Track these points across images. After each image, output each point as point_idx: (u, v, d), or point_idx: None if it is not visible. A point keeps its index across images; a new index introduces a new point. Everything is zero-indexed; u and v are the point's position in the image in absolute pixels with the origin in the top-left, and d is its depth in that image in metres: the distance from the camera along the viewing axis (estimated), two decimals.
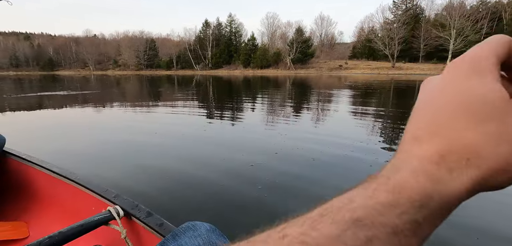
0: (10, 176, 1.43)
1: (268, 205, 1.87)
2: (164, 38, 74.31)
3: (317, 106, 7.17)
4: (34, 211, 1.34)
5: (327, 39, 62.85)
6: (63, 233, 0.75)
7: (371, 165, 2.59)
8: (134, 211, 0.86)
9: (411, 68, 40.75)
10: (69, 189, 1.15)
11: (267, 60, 53.59)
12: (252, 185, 2.16)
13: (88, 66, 73.20)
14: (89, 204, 1.06)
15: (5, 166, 1.44)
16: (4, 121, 5.31)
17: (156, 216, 0.82)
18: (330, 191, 2.11)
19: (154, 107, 7.25)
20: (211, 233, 0.52)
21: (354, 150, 3.10)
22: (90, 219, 0.82)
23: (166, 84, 19.01)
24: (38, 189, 1.35)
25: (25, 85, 17.95)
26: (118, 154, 3.10)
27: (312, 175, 2.41)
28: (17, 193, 1.42)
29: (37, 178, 1.32)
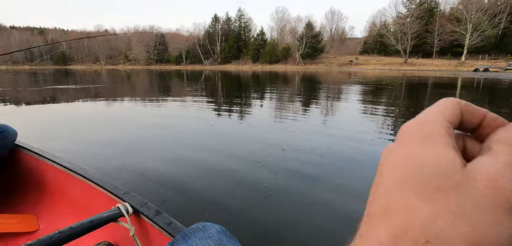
0: (21, 169, 1.45)
1: (273, 203, 1.84)
2: (173, 33, 74.93)
3: (325, 102, 7.07)
4: (44, 204, 1.36)
5: (337, 34, 61.98)
6: (73, 229, 0.75)
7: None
8: (143, 209, 0.85)
9: (424, 64, 39.74)
10: (79, 184, 1.15)
11: (276, 56, 53.32)
12: (258, 182, 2.13)
13: (100, 61, 74.57)
14: (98, 200, 1.05)
15: (16, 160, 1.47)
16: (19, 112, 5.46)
17: (165, 214, 0.81)
18: (336, 189, 2.06)
19: (163, 102, 7.31)
20: (221, 235, 0.52)
21: (362, 147, 3.03)
22: (99, 216, 0.81)
23: (175, 79, 19.16)
24: (49, 183, 1.36)
25: (39, 79, 18.43)
26: (125, 147, 3.13)
27: (319, 172, 2.35)
28: (28, 186, 1.44)
29: (47, 172, 1.33)
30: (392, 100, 7.47)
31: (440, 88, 11.72)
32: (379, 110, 5.78)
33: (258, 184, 2.13)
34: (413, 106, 6.55)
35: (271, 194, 1.96)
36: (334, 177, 2.31)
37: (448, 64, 38.04)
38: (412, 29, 42.96)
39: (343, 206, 1.83)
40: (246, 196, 1.96)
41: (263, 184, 2.11)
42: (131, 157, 2.79)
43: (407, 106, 6.61)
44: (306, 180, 2.23)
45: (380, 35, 49.58)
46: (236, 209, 1.79)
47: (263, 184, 2.11)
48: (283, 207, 1.82)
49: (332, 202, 1.88)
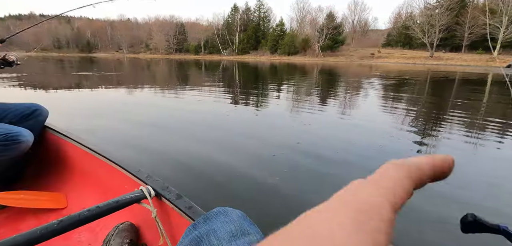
0: (51, 149, 1.54)
1: (285, 196, 1.83)
2: (193, 23, 75.67)
3: (343, 96, 6.90)
4: (72, 183, 1.43)
5: (359, 25, 59.92)
6: (100, 208, 0.79)
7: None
8: (164, 192, 0.87)
9: (452, 59, 37.58)
10: (104, 166, 1.20)
11: (295, 47, 52.49)
12: (271, 174, 2.12)
13: (122, 49, 76.91)
14: (122, 182, 1.10)
15: (46, 140, 1.55)
16: (49, 97, 5.77)
17: (186, 198, 0.83)
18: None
19: (180, 91, 7.44)
20: (242, 220, 0.52)
21: (381, 146, 2.90)
22: (124, 196, 0.84)
23: (193, 68, 19.42)
24: (76, 164, 1.43)
25: (66, 65, 19.34)
26: (143, 133, 3.22)
27: (334, 169, 2.30)
28: (57, 165, 1.52)
29: (75, 153, 1.40)
30: (415, 96, 7.16)
31: (467, 84, 11.08)
32: (398, 108, 5.58)
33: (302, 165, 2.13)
34: (436, 104, 6.25)
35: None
36: (351, 175, 2.27)
37: (478, 59, 35.77)
38: (440, 21, 40.60)
39: None
40: (259, 182, 1.97)
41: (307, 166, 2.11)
42: (144, 138, 2.88)
43: (430, 103, 6.32)
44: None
45: (406, 27, 47.32)
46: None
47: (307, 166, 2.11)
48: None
49: None
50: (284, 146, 2.82)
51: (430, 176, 0.15)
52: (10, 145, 1.14)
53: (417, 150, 2.78)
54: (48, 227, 0.68)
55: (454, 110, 5.07)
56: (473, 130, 3.77)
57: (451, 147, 3.01)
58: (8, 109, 1.34)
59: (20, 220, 1.22)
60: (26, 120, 1.36)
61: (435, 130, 3.70)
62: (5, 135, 1.13)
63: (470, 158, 2.73)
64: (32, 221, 1.22)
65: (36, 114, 1.40)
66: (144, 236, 1.01)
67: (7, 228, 1.17)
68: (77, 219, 0.74)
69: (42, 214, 1.26)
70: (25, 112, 1.36)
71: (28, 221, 1.22)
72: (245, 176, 2.12)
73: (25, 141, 1.20)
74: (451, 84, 10.77)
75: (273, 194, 1.86)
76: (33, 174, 1.54)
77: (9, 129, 1.16)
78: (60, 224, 0.71)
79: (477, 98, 7.06)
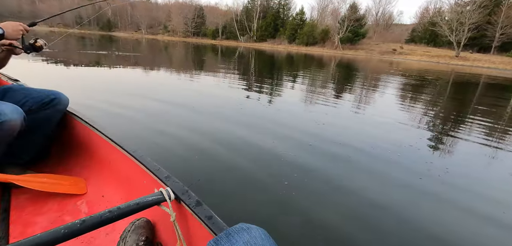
0: (73, 135, 1.57)
1: (292, 202, 1.77)
2: (212, 7, 75.32)
3: (359, 94, 6.69)
4: (92, 170, 1.46)
5: (383, 18, 57.58)
6: (121, 209, 0.78)
7: (421, 178, 2.25)
8: (184, 197, 0.86)
9: (479, 60, 35.56)
10: (123, 158, 1.21)
11: (313, 37, 51.25)
12: (278, 178, 2.05)
13: (141, 29, 77.77)
14: (141, 177, 1.10)
15: (68, 125, 1.58)
16: (69, 75, 5.94)
17: (206, 206, 0.81)
18: (359, 199, 1.91)
19: (195, 76, 7.46)
20: (266, 241, 0.51)
21: (397, 153, 2.77)
22: (145, 198, 0.84)
23: (209, 53, 19.42)
24: (96, 152, 1.45)
25: (86, 43, 19.83)
26: (152, 120, 3.24)
27: (344, 177, 2.19)
28: (78, 151, 1.55)
29: (95, 141, 1.42)
30: (434, 102, 6.87)
31: (492, 89, 10.46)
32: (419, 109, 5.36)
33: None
34: (456, 110, 5.96)
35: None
36: (362, 186, 2.20)
37: (507, 62, 33.63)
38: (471, 19, 38.25)
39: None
40: (265, 185, 1.94)
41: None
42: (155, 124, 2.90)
43: (450, 109, 6.04)
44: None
45: (432, 24, 44.95)
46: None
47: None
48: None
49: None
50: (296, 144, 2.76)
51: None
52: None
53: (431, 161, 2.66)
54: (71, 226, 0.69)
55: (474, 116, 4.82)
56: (493, 139, 3.58)
57: (467, 154, 2.87)
58: (29, 95, 1.35)
59: (42, 202, 1.25)
60: (45, 108, 1.38)
61: (453, 138, 3.53)
62: None
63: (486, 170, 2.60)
64: (53, 204, 1.26)
65: (55, 103, 1.41)
66: (160, 236, 1.01)
67: (29, 209, 1.21)
68: (99, 220, 0.74)
69: (63, 198, 1.29)
70: (45, 100, 1.38)
71: (49, 204, 1.26)
72: (252, 177, 2.10)
73: (7, 120, 1.09)
74: (474, 88, 10.23)
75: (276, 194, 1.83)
76: (56, 157, 1.58)
77: None
78: (83, 224, 0.71)
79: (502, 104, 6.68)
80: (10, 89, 1.37)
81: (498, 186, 2.30)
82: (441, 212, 1.81)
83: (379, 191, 2.01)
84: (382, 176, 2.25)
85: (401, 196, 1.97)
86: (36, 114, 1.31)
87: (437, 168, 2.48)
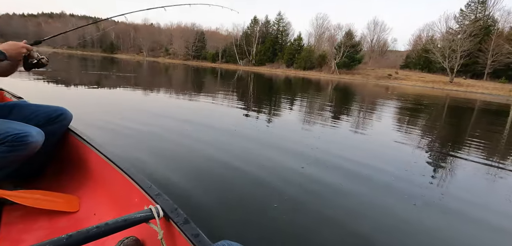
0: (71, 152, 1.59)
1: (282, 227, 1.73)
2: (213, 32, 77.33)
3: (355, 118, 6.75)
4: (86, 188, 1.47)
5: (378, 45, 59.29)
6: (109, 225, 0.80)
7: (415, 203, 2.19)
8: (172, 215, 0.88)
9: (473, 86, 36.35)
10: (117, 176, 1.23)
11: (311, 62, 52.48)
12: (269, 200, 2.03)
13: (142, 52, 79.36)
14: (133, 195, 1.11)
15: (67, 142, 1.60)
16: (64, 92, 6.01)
17: (193, 225, 0.83)
18: (352, 222, 1.87)
19: (193, 97, 7.55)
20: None
21: (393, 179, 2.70)
22: (133, 215, 0.85)
23: (209, 76, 19.73)
24: (92, 169, 1.47)
25: (88, 63, 20.14)
26: (148, 138, 3.27)
27: (337, 204, 2.12)
28: (75, 168, 1.57)
29: (92, 159, 1.44)
30: (432, 126, 6.95)
31: (488, 114, 10.65)
32: (416, 133, 5.42)
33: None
34: (454, 132, 6.04)
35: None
36: (356, 218, 2.20)
37: (500, 88, 34.39)
38: (462, 47, 39.54)
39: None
40: (256, 208, 1.94)
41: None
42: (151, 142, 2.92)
43: (448, 132, 6.11)
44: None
45: (425, 51, 46.35)
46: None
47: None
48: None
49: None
50: (288, 167, 2.76)
51: None
52: (19, 145, 1.15)
53: (427, 186, 2.63)
54: (57, 241, 0.70)
55: (472, 140, 4.88)
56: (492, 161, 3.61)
57: (465, 180, 2.88)
58: (37, 111, 1.40)
59: (33, 219, 1.26)
60: (51, 124, 1.42)
61: (451, 163, 3.56)
62: (14, 135, 1.14)
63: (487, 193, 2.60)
64: (44, 222, 1.26)
65: (61, 118, 1.46)
66: None
67: (19, 226, 1.21)
68: (85, 235, 0.75)
69: (54, 216, 1.29)
70: (52, 116, 1.42)
71: (40, 221, 1.26)
72: (241, 197, 2.10)
73: (34, 142, 1.19)
74: (470, 113, 10.39)
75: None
76: (52, 173, 1.59)
77: (18, 128, 1.17)
78: (70, 239, 0.72)
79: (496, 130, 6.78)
80: (16, 105, 1.42)
81: (499, 212, 2.23)
82: (438, 242, 1.75)
83: (372, 217, 1.97)
84: (376, 202, 2.22)
85: (395, 223, 1.93)
86: (43, 129, 1.33)
87: (433, 193, 2.45)
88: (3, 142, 1.13)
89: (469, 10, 44.51)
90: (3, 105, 1.44)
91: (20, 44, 1.27)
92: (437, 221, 1.99)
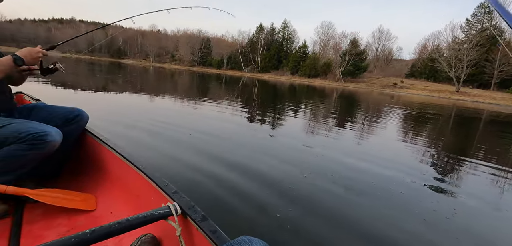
0: (87, 151, 1.65)
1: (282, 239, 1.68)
2: (218, 39, 78.00)
3: (360, 126, 6.70)
4: (103, 187, 1.52)
5: (383, 54, 59.14)
6: (129, 221, 0.83)
7: (425, 219, 2.07)
8: (190, 212, 0.91)
9: (480, 96, 35.93)
10: (134, 175, 1.27)
11: (316, 70, 52.52)
12: (269, 210, 1.97)
13: (149, 57, 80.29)
14: (149, 193, 1.16)
15: (84, 142, 1.66)
16: (78, 96, 6.13)
17: (211, 221, 0.86)
18: (360, 235, 1.81)
19: (197, 103, 7.63)
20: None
21: (400, 190, 2.62)
22: (152, 212, 0.89)
23: (214, 82, 19.87)
24: (108, 169, 1.52)
25: (96, 68, 20.48)
26: (155, 140, 3.32)
27: (340, 214, 2.06)
28: (91, 168, 1.62)
29: (109, 158, 1.49)
30: (439, 135, 6.90)
31: (496, 124, 10.51)
32: (422, 142, 5.40)
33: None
34: (462, 144, 5.99)
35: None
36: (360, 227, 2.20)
37: (508, 99, 33.95)
38: (469, 57, 39.25)
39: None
40: (255, 217, 1.97)
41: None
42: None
43: (455, 143, 6.07)
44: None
45: (431, 60, 46.07)
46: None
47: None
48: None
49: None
50: (291, 175, 2.74)
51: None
52: (39, 144, 1.21)
53: (437, 200, 2.56)
54: (81, 235, 0.72)
55: (482, 152, 4.84)
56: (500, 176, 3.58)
57: (477, 193, 2.87)
58: (55, 112, 1.47)
59: (53, 217, 1.31)
60: (69, 124, 1.48)
61: (461, 175, 3.54)
62: (34, 134, 1.20)
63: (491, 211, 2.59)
64: (63, 219, 1.31)
65: (78, 119, 1.52)
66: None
67: (41, 223, 1.26)
68: (108, 231, 0.78)
69: (73, 214, 1.34)
70: (69, 117, 1.49)
71: (60, 219, 1.31)
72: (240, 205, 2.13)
73: (53, 140, 1.25)
74: (477, 122, 10.27)
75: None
76: (69, 173, 1.65)
77: (38, 128, 1.23)
78: (93, 234, 0.75)
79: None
80: (35, 107, 1.48)
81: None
82: None
83: (381, 229, 1.89)
84: (384, 214, 2.12)
85: (404, 239, 1.82)
86: (61, 129, 1.38)
87: (444, 207, 2.32)
88: (24, 140, 1.20)
89: (475, 20, 44.24)
90: (23, 107, 1.51)
91: (36, 50, 1.32)
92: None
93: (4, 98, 1.40)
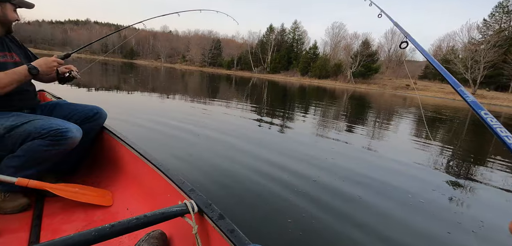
0: (105, 148, 1.69)
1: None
2: (229, 40, 78.38)
3: (371, 129, 6.54)
4: (119, 183, 1.55)
5: (396, 55, 57.95)
6: (148, 217, 0.83)
7: (450, 232, 1.95)
8: (207, 210, 0.91)
9: (497, 98, 34.67)
10: (150, 172, 1.29)
11: (326, 71, 52.01)
12: (280, 217, 1.90)
13: (160, 58, 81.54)
14: (165, 190, 1.16)
15: (102, 139, 1.70)
16: (93, 95, 6.29)
17: (228, 220, 0.85)
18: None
19: (207, 104, 7.68)
20: None
21: (419, 199, 2.50)
22: (170, 209, 0.89)
23: (224, 83, 19.97)
24: (125, 165, 1.55)
25: (109, 68, 20.96)
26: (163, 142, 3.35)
27: (352, 220, 1.98)
28: (108, 164, 1.66)
29: (125, 155, 1.52)
30: (453, 140, 6.69)
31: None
32: (436, 148, 5.25)
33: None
34: (483, 150, 5.79)
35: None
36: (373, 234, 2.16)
37: None
38: (486, 58, 37.95)
39: None
40: (267, 222, 1.95)
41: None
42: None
43: (476, 148, 5.87)
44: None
45: (446, 61, 44.80)
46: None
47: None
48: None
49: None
50: (300, 177, 2.67)
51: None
52: (60, 139, 1.26)
53: (462, 211, 2.40)
54: (101, 230, 0.74)
55: (506, 159, 4.66)
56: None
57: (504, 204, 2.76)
58: (75, 110, 1.52)
59: (71, 211, 1.34)
60: (88, 122, 1.53)
61: (487, 183, 3.42)
62: (56, 129, 1.24)
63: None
64: (81, 214, 1.34)
65: (97, 117, 1.57)
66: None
67: (60, 217, 1.29)
68: (126, 226, 0.79)
69: (90, 209, 1.37)
70: (89, 115, 1.53)
71: (77, 213, 1.34)
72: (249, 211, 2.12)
73: (73, 137, 1.29)
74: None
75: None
76: (87, 169, 1.69)
77: (60, 124, 1.27)
78: (112, 229, 0.76)
79: None
80: (57, 104, 1.53)
81: None
82: None
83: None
84: (403, 225, 2.01)
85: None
86: (80, 127, 1.42)
87: (469, 219, 2.16)
88: (46, 136, 1.24)
89: (493, 20, 42.78)
90: (45, 104, 1.56)
91: (51, 59, 1.35)
92: None
93: (28, 96, 1.44)
